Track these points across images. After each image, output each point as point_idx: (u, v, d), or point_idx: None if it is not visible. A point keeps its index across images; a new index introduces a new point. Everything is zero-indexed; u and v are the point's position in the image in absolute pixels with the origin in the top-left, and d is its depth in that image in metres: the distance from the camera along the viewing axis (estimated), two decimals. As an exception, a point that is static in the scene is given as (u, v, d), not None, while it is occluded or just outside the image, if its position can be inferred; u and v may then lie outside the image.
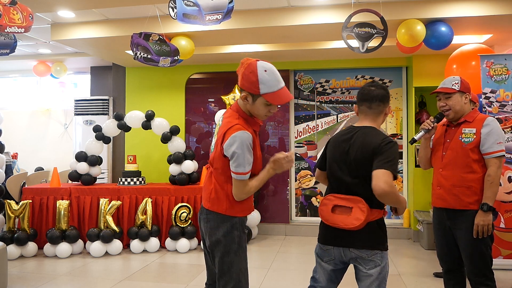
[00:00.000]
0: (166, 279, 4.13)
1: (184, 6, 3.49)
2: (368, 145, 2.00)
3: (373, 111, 2.10)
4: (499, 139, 2.44)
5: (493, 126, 2.47)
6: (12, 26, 3.34)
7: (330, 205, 2.05)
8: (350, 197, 2.00)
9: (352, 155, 2.04)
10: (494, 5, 4.18)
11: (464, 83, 2.58)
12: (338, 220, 2.00)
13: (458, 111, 2.56)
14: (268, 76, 2.00)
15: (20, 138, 7.59)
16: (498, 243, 4.22)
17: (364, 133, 2.06)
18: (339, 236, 2.03)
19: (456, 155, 2.52)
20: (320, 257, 2.14)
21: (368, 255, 1.98)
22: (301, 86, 6.32)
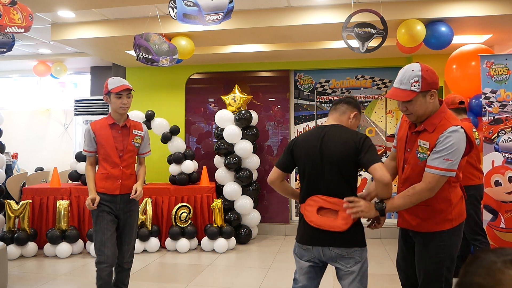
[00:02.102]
0: (166, 279, 4.13)
1: (184, 6, 3.49)
2: (347, 143, 2.03)
3: (337, 111, 2.20)
4: (448, 156, 1.92)
5: (452, 138, 1.93)
6: (12, 26, 3.34)
7: (315, 206, 2.05)
8: (336, 200, 2.02)
9: (329, 153, 2.05)
10: (494, 5, 4.18)
11: (426, 79, 1.98)
12: (324, 222, 2.02)
13: (422, 115, 2.06)
14: (113, 79, 3.19)
15: (20, 138, 7.59)
16: (498, 243, 4.22)
17: (335, 131, 2.10)
18: (318, 236, 2.04)
19: (413, 172, 2.10)
20: (299, 256, 2.15)
21: (348, 252, 2.01)
22: (301, 86, 6.32)
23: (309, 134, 2.19)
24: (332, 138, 2.08)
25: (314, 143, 2.11)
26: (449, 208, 2.06)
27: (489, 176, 4.28)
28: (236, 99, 5.68)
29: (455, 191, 2.09)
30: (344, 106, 2.19)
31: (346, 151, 2.02)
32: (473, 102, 4.53)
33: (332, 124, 2.17)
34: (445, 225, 2.06)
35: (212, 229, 5.04)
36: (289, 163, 2.22)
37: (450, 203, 2.06)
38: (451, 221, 2.06)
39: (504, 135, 4.27)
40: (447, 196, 2.06)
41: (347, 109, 2.19)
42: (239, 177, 5.48)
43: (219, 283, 3.99)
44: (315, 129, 2.18)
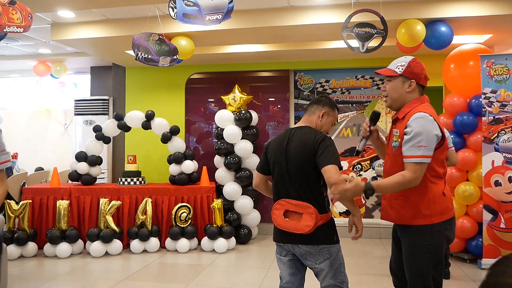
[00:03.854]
0: (166, 279, 4.13)
1: (184, 6, 3.49)
2: (307, 144, 2.09)
3: (307, 112, 2.26)
4: (421, 142, 1.92)
5: (416, 124, 1.95)
6: (11, 25, 3.34)
7: (282, 209, 2.12)
8: (300, 203, 2.07)
9: (292, 156, 2.12)
10: (494, 5, 4.18)
11: (412, 67, 2.08)
12: (289, 225, 2.09)
13: (395, 100, 2.11)
14: None
15: (20, 138, 7.59)
16: (498, 243, 4.22)
17: (300, 133, 2.17)
18: (287, 234, 2.12)
19: (391, 162, 2.12)
20: (278, 253, 2.25)
21: (316, 250, 2.08)
22: (301, 86, 6.32)
23: (279, 137, 2.25)
24: (295, 141, 2.14)
25: (281, 146, 2.18)
26: (424, 202, 2.03)
27: (489, 176, 4.28)
28: (236, 99, 5.68)
29: (434, 187, 2.04)
30: (314, 106, 2.25)
31: (307, 152, 2.08)
32: (472, 102, 4.53)
33: (299, 126, 2.23)
34: (422, 219, 2.03)
35: (212, 229, 5.04)
36: (266, 165, 2.29)
37: (426, 197, 2.03)
38: (429, 217, 2.03)
39: (504, 135, 4.27)
40: (424, 190, 2.03)
41: (316, 109, 2.24)
42: (239, 177, 5.48)
43: (219, 283, 3.99)
44: (284, 132, 2.25)
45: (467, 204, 4.52)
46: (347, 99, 6.19)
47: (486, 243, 4.23)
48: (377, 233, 5.76)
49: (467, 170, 4.54)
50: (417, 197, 2.04)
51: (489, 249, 4.22)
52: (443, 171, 2.11)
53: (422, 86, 2.16)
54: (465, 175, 4.55)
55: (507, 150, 4.26)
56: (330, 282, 2.09)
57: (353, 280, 3.97)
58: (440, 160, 2.07)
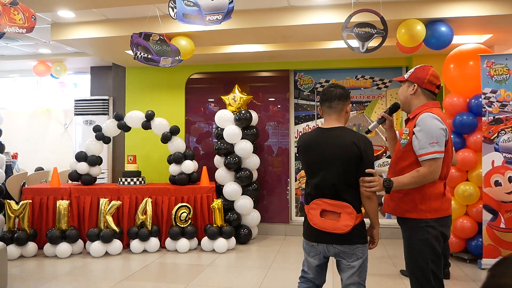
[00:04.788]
0: (166, 279, 4.13)
1: (184, 6, 3.49)
2: (350, 146, 2.11)
3: (334, 110, 2.22)
4: (432, 139, 2.10)
5: (425, 124, 2.13)
6: (13, 26, 3.33)
7: (318, 209, 2.14)
8: (337, 203, 2.10)
9: (335, 156, 2.13)
10: (494, 5, 4.18)
11: (417, 72, 2.29)
12: (327, 225, 2.11)
13: (403, 102, 2.37)
14: None
15: (20, 138, 7.59)
16: (498, 243, 4.22)
17: (339, 134, 2.17)
18: (322, 235, 2.15)
19: (397, 158, 2.31)
20: (307, 252, 2.28)
21: (351, 249, 2.12)
22: (301, 86, 6.32)
23: (312, 137, 2.24)
24: (336, 143, 2.14)
25: (320, 147, 2.18)
26: (421, 198, 2.17)
27: (489, 176, 4.28)
28: (236, 99, 5.68)
29: (431, 186, 2.17)
30: (339, 103, 2.22)
31: (351, 156, 2.10)
32: (472, 102, 4.53)
33: (335, 127, 2.21)
34: (417, 213, 2.18)
35: (212, 229, 5.04)
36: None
37: (423, 193, 2.17)
38: (424, 211, 2.17)
39: (504, 135, 4.27)
40: (422, 187, 2.17)
41: (343, 105, 2.23)
42: (239, 177, 5.48)
43: (219, 283, 3.99)
44: (317, 132, 2.24)
45: (467, 204, 4.52)
46: (347, 99, 6.18)
47: (486, 243, 4.23)
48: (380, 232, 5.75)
49: (467, 170, 4.54)
50: (415, 193, 2.18)
51: (489, 249, 4.22)
52: (445, 171, 2.21)
53: (432, 92, 2.29)
54: (465, 175, 4.55)
55: (507, 150, 4.26)
56: (355, 279, 2.14)
57: (353, 280, 3.98)
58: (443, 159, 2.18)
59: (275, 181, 6.20)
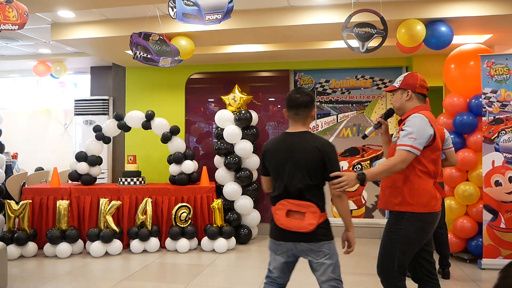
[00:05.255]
0: (166, 279, 4.13)
1: (184, 5, 3.49)
2: (314, 150, 2.22)
3: (300, 116, 2.30)
4: (412, 135, 2.25)
5: (412, 121, 2.30)
6: (7, 23, 3.35)
7: (284, 209, 2.23)
8: (302, 203, 2.20)
9: (300, 159, 2.23)
10: (494, 5, 4.18)
11: (407, 79, 2.46)
12: (293, 224, 2.20)
13: (398, 108, 2.51)
14: None
15: (20, 138, 7.59)
16: (498, 243, 4.22)
17: (304, 138, 2.27)
18: (289, 233, 2.23)
19: (390, 156, 2.46)
20: (273, 250, 2.37)
21: (317, 246, 2.21)
22: (301, 86, 6.32)
23: (278, 141, 2.34)
24: (301, 147, 2.25)
25: (285, 151, 2.27)
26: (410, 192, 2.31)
27: (489, 176, 4.28)
28: (236, 99, 5.68)
29: (420, 181, 2.31)
30: (305, 111, 2.30)
31: (315, 158, 2.21)
32: (472, 102, 4.53)
33: (299, 131, 2.30)
34: (405, 207, 2.31)
35: (212, 229, 5.04)
36: (266, 169, 2.39)
37: (412, 187, 2.31)
38: (411, 205, 2.30)
39: (505, 135, 4.27)
40: (410, 180, 2.32)
41: (308, 113, 2.32)
42: (239, 177, 5.47)
43: (219, 283, 3.99)
44: (283, 136, 2.34)
45: (467, 204, 4.52)
46: (347, 99, 6.19)
47: (486, 243, 4.23)
48: (377, 233, 5.76)
49: (467, 170, 4.54)
50: (404, 187, 2.33)
51: (489, 249, 4.22)
52: (433, 169, 2.35)
53: (422, 95, 2.46)
54: (465, 175, 4.54)
55: (507, 150, 4.26)
56: (330, 276, 2.23)
57: (353, 280, 3.97)
58: (431, 158, 2.33)
59: (275, 181, 6.19)
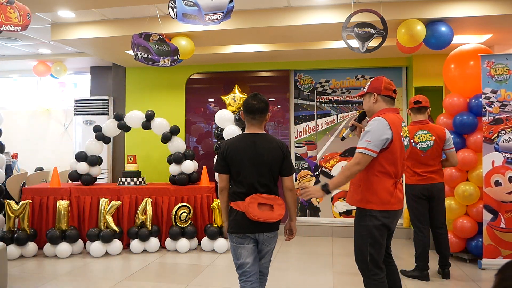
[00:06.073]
0: (166, 279, 4.13)
1: (184, 6, 3.49)
2: (275, 150, 2.53)
3: (256, 120, 2.57)
4: (369, 138, 2.42)
5: (370, 125, 2.48)
6: (9, 24, 3.35)
7: (255, 203, 2.47)
8: (270, 196, 2.51)
9: (263, 157, 2.50)
10: (494, 5, 4.18)
11: (373, 83, 2.63)
12: (265, 215, 2.47)
13: (368, 111, 2.70)
14: None
15: (20, 138, 7.59)
16: (498, 243, 4.22)
17: (264, 140, 2.55)
18: (257, 225, 2.50)
19: None
20: (241, 243, 2.56)
21: (274, 235, 2.61)
22: (301, 86, 6.32)
23: (240, 142, 2.56)
24: (264, 146, 2.52)
25: (248, 150, 2.51)
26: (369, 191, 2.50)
27: (489, 176, 4.28)
28: (236, 99, 5.67)
29: (378, 181, 2.49)
30: (262, 116, 2.56)
31: (277, 156, 2.52)
32: (472, 102, 4.53)
33: (259, 133, 2.58)
34: (364, 204, 2.52)
35: (212, 229, 5.03)
36: (227, 167, 2.57)
37: (371, 186, 2.50)
38: (370, 203, 2.50)
39: (505, 135, 4.27)
40: (370, 181, 2.50)
41: (264, 117, 2.59)
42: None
43: (219, 283, 3.99)
44: (244, 137, 2.58)
45: (467, 204, 4.52)
46: (347, 99, 6.19)
47: (486, 243, 4.23)
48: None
49: (467, 170, 4.54)
50: (364, 186, 2.53)
51: (489, 249, 4.22)
52: (393, 170, 2.50)
53: (389, 97, 2.61)
54: (465, 175, 4.54)
55: (507, 150, 4.26)
56: (269, 258, 2.69)
57: (353, 280, 3.98)
58: (390, 159, 2.48)
59: (275, 181, 6.19)
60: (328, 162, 6.22)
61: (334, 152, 6.21)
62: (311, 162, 6.26)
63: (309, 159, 6.28)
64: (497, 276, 0.90)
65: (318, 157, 6.26)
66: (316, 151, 6.28)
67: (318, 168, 6.24)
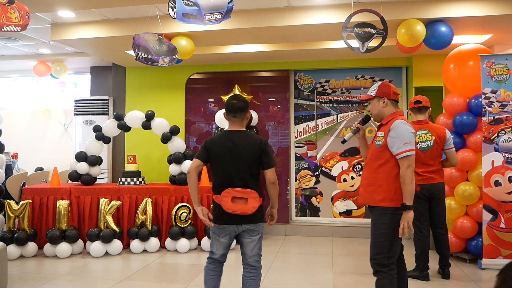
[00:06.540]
0: (166, 279, 4.13)
1: (184, 5, 3.49)
2: (254, 146, 2.67)
3: (237, 119, 2.76)
4: (405, 140, 2.57)
5: (398, 129, 2.60)
6: (9, 24, 3.35)
7: (229, 196, 2.64)
8: (245, 190, 2.64)
9: (243, 154, 2.65)
10: (494, 5, 4.18)
11: (381, 88, 2.76)
12: (238, 208, 2.63)
13: (376, 115, 2.80)
14: None
15: (20, 138, 7.59)
16: (498, 243, 4.22)
17: (243, 136, 2.72)
18: (234, 217, 2.67)
19: (371, 157, 2.74)
20: (217, 234, 2.76)
21: (255, 227, 2.72)
22: (301, 86, 6.32)
23: (221, 138, 2.74)
24: (242, 142, 2.67)
25: (228, 145, 2.68)
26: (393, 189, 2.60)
27: (489, 176, 4.28)
28: (236, 99, 5.66)
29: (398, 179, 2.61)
30: (242, 114, 2.74)
31: (255, 152, 2.66)
32: (472, 102, 4.53)
33: (239, 130, 2.76)
34: (388, 202, 2.61)
35: (212, 229, 5.03)
36: (206, 157, 2.75)
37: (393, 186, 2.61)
38: (394, 201, 2.60)
39: (504, 135, 4.27)
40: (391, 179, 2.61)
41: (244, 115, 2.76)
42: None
43: (219, 283, 3.99)
44: (225, 134, 2.75)
45: (467, 204, 4.52)
46: (347, 99, 6.19)
47: (486, 243, 4.23)
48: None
49: (467, 170, 4.54)
50: (386, 185, 2.62)
51: (489, 249, 4.22)
52: None
53: (395, 101, 2.79)
54: (465, 175, 4.54)
55: (507, 150, 4.26)
56: (256, 251, 2.75)
57: (353, 280, 3.98)
58: None
59: (275, 181, 6.19)
60: (328, 162, 6.22)
61: (334, 152, 6.21)
62: (311, 162, 6.26)
63: (309, 159, 6.28)
64: (499, 276, 0.90)
65: (318, 157, 6.26)
66: (316, 151, 6.28)
67: (318, 168, 6.24)
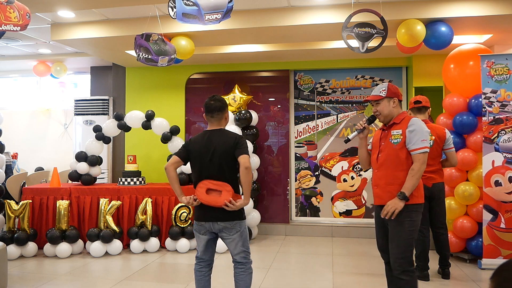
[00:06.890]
0: (166, 279, 4.13)
1: (184, 5, 3.49)
2: (228, 142, 2.76)
3: (215, 118, 2.85)
4: (423, 137, 2.64)
5: (417, 125, 2.66)
6: (8, 24, 3.35)
7: (204, 188, 2.73)
8: (219, 183, 2.72)
9: (218, 150, 2.74)
10: (494, 5, 4.18)
11: (391, 89, 2.80)
12: (211, 199, 2.70)
13: (387, 115, 2.81)
14: None
15: (20, 138, 7.59)
16: (498, 243, 4.22)
17: (219, 134, 2.82)
18: (209, 214, 2.74)
19: (388, 156, 2.74)
20: (197, 231, 2.83)
21: (231, 225, 2.74)
22: (301, 86, 6.32)
23: (200, 137, 2.85)
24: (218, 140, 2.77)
25: (206, 142, 2.79)
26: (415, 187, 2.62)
27: (489, 176, 4.28)
28: (236, 99, 5.68)
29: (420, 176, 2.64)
30: (219, 114, 2.83)
31: (229, 147, 2.74)
32: (472, 102, 4.52)
33: (216, 129, 2.86)
34: (412, 200, 2.62)
35: (212, 229, 5.03)
36: (186, 155, 2.88)
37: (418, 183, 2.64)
38: (416, 197, 2.65)
39: (505, 135, 4.27)
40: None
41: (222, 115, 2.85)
42: (239, 177, 5.46)
43: (219, 283, 3.99)
44: (204, 133, 2.86)
45: (467, 204, 4.52)
46: (347, 99, 6.19)
47: (486, 243, 4.23)
48: (377, 233, 5.75)
49: (467, 170, 4.53)
50: None
51: (489, 249, 4.22)
52: None
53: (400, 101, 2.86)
54: (465, 175, 4.54)
55: (507, 150, 4.26)
56: (240, 249, 2.79)
57: (352, 280, 3.98)
58: None
59: (275, 181, 6.20)
60: (328, 162, 6.22)
61: (334, 152, 6.21)
62: (311, 162, 6.26)
63: (309, 159, 6.28)
64: (494, 278, 0.89)
65: (318, 157, 6.26)
66: (316, 151, 6.28)
67: (318, 168, 6.24)
